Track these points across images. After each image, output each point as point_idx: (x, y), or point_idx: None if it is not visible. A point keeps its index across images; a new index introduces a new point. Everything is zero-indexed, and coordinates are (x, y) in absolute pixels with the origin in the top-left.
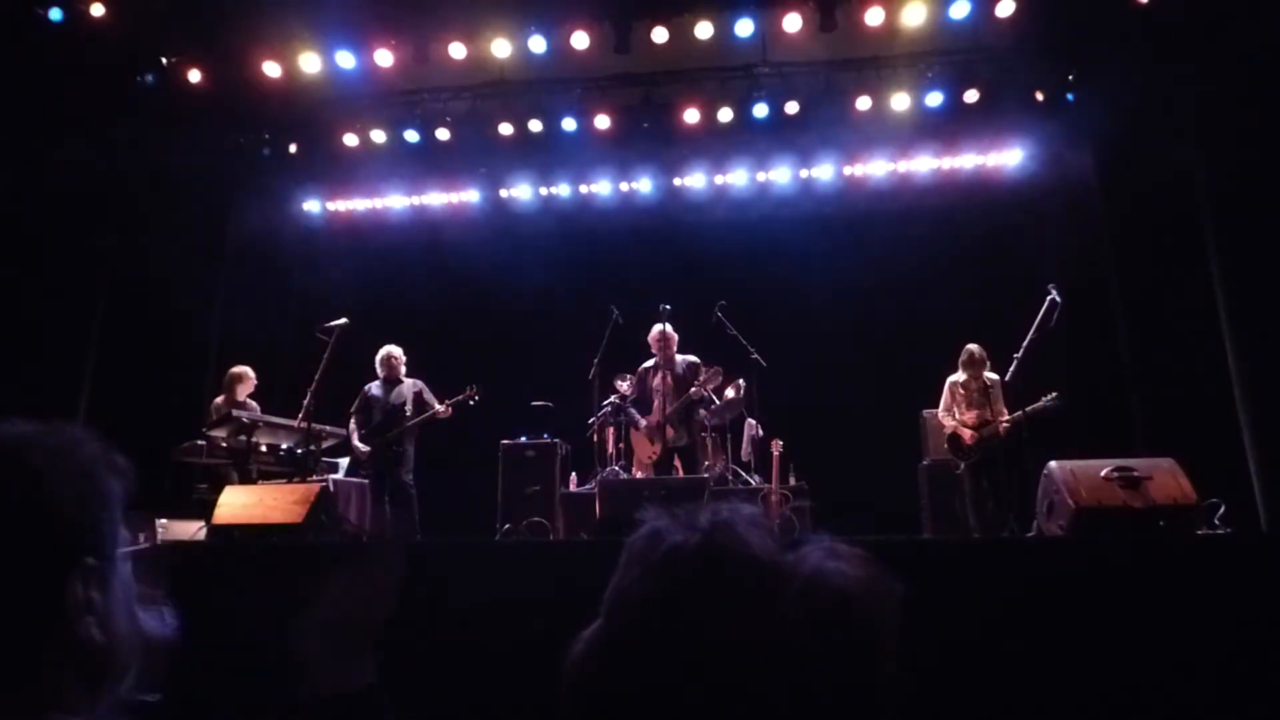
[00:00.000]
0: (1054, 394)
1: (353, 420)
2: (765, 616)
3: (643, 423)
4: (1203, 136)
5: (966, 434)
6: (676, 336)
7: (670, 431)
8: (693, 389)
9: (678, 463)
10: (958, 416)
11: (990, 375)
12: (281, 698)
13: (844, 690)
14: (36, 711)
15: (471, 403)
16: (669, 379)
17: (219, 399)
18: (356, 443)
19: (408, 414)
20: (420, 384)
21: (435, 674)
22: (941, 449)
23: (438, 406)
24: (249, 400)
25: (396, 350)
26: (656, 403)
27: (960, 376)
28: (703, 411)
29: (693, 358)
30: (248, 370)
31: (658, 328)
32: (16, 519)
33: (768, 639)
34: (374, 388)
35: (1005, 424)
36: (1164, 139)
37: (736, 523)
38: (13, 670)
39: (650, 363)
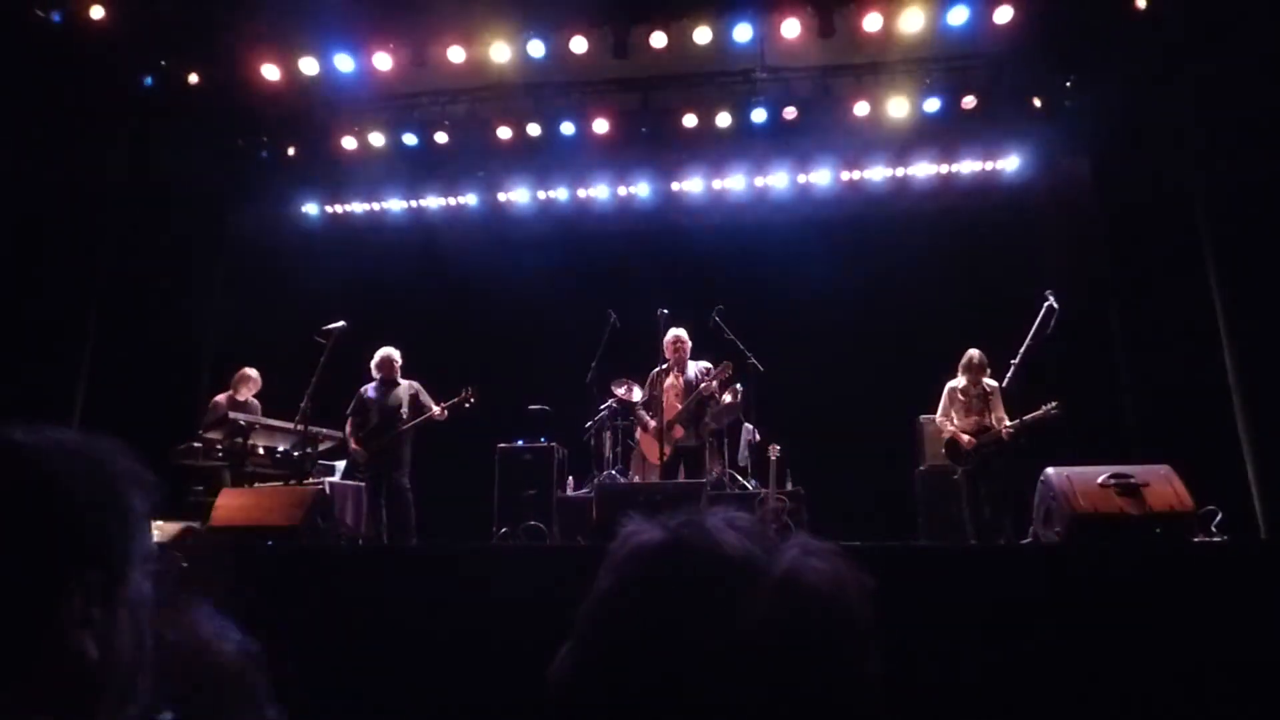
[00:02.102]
0: (1054, 403)
1: (349, 423)
2: (732, 614)
3: (652, 424)
4: (1200, 143)
5: (965, 439)
6: (690, 342)
7: (679, 431)
8: (702, 385)
9: (682, 464)
10: (956, 422)
11: (990, 382)
12: None
13: (819, 689)
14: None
15: (467, 405)
16: (680, 382)
17: (221, 396)
18: (353, 445)
19: (404, 416)
20: (417, 385)
21: (433, 677)
22: (938, 454)
23: (434, 409)
24: (251, 400)
25: (393, 352)
26: (666, 404)
27: (960, 382)
28: (709, 413)
29: (705, 363)
30: (255, 373)
31: (673, 332)
32: (26, 524)
33: (733, 636)
34: (370, 390)
35: (1009, 429)
36: (1161, 145)
37: (707, 521)
38: None
39: (663, 366)
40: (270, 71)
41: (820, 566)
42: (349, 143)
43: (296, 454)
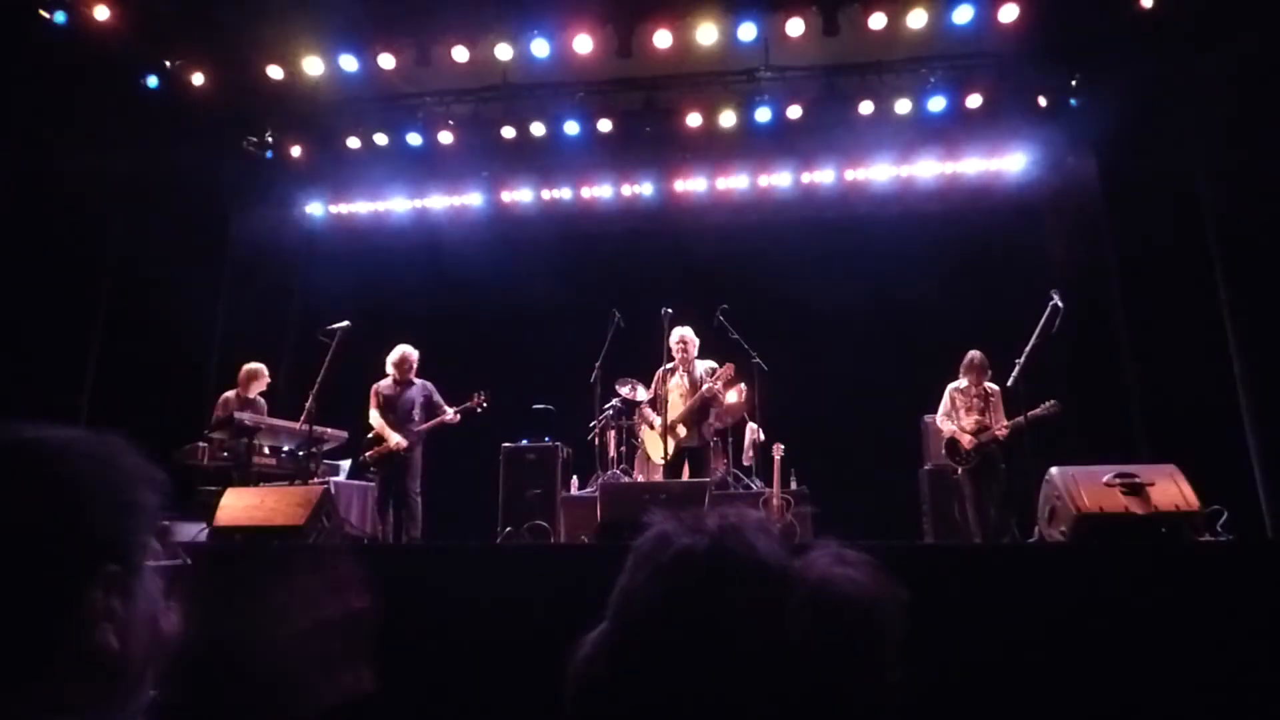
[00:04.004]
0: (1053, 401)
1: (379, 417)
2: (773, 620)
3: (657, 421)
4: (1206, 141)
5: (965, 438)
6: (697, 341)
7: (683, 431)
8: (705, 386)
9: (686, 464)
10: (957, 422)
11: (991, 385)
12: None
13: (849, 694)
14: (40, 713)
15: (480, 410)
16: (685, 382)
17: (230, 393)
18: (398, 438)
19: (416, 419)
20: (430, 387)
21: (437, 678)
22: (942, 454)
23: (447, 412)
24: (259, 398)
25: (411, 351)
26: (671, 403)
27: (961, 383)
28: (713, 413)
29: (711, 363)
30: (262, 368)
31: (678, 331)
32: (46, 521)
33: (775, 642)
34: (385, 387)
35: (1004, 429)
36: (1167, 144)
37: (745, 528)
38: (22, 670)
39: (669, 365)
40: (275, 72)
41: (855, 576)
42: (353, 143)
43: (301, 453)
